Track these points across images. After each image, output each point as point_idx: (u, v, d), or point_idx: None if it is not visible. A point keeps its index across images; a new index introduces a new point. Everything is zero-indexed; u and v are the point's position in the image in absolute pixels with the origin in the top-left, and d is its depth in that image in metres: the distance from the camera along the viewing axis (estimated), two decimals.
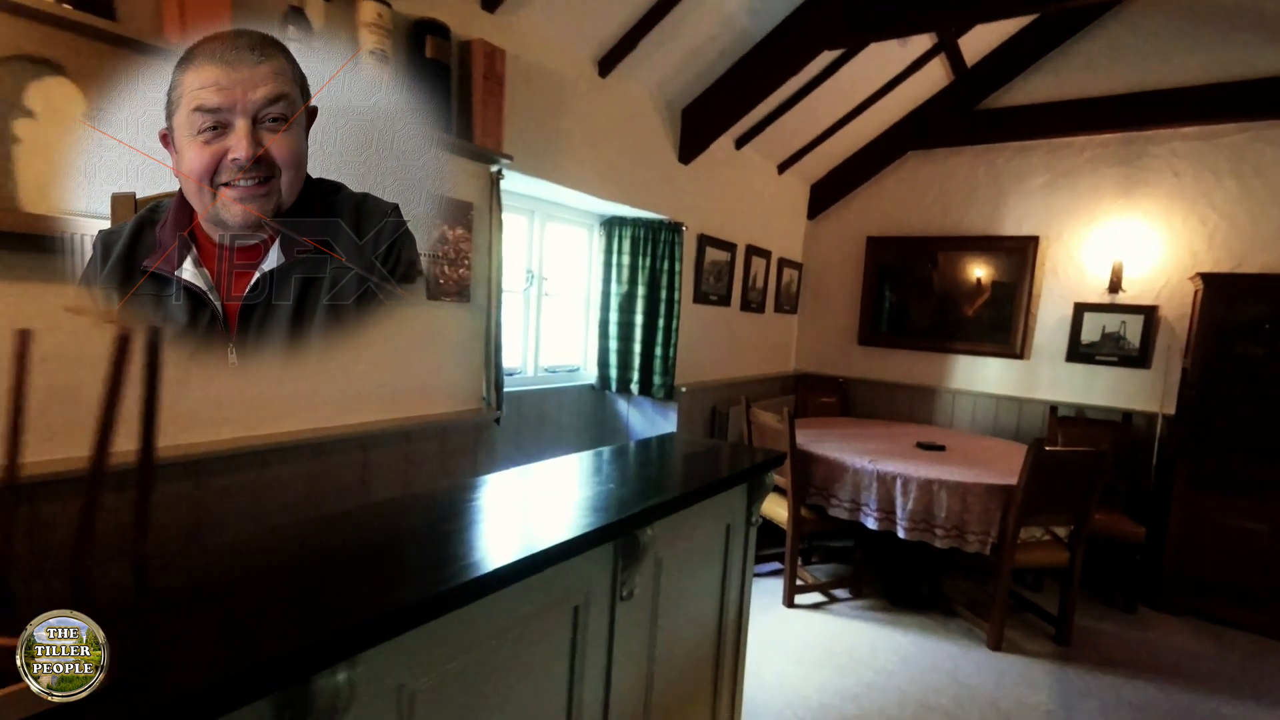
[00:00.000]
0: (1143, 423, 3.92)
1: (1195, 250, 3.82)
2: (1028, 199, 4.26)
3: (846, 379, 4.87)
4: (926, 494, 3.04)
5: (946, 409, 4.55)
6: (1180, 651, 3.14)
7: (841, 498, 3.24)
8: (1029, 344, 4.28)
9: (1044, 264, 4.23)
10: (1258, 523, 3.34)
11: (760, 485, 1.99)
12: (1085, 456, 2.92)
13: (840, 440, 3.65)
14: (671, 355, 3.46)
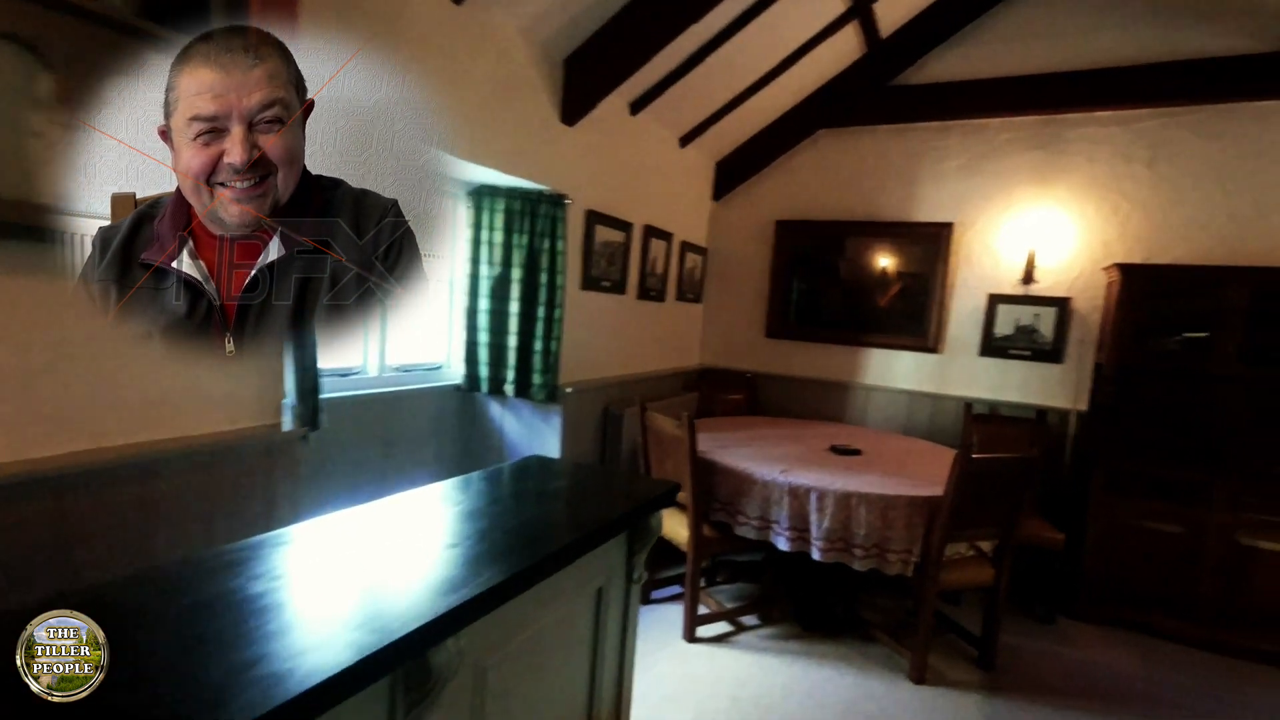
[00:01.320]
0: (1057, 420, 3.74)
1: (1107, 240, 3.67)
2: (942, 183, 4.00)
3: (755, 374, 4.48)
4: (844, 509, 2.64)
5: (859, 406, 4.25)
6: (1107, 670, 2.92)
7: (750, 514, 2.80)
8: (943, 337, 4.03)
9: (958, 252, 3.98)
10: (1175, 525, 3.20)
11: (645, 529, 1.47)
12: (1014, 464, 2.61)
13: (748, 445, 3.22)
14: (554, 350, 2.89)
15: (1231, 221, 3.42)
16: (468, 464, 3.01)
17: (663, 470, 2.99)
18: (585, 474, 1.60)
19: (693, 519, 2.79)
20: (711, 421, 3.81)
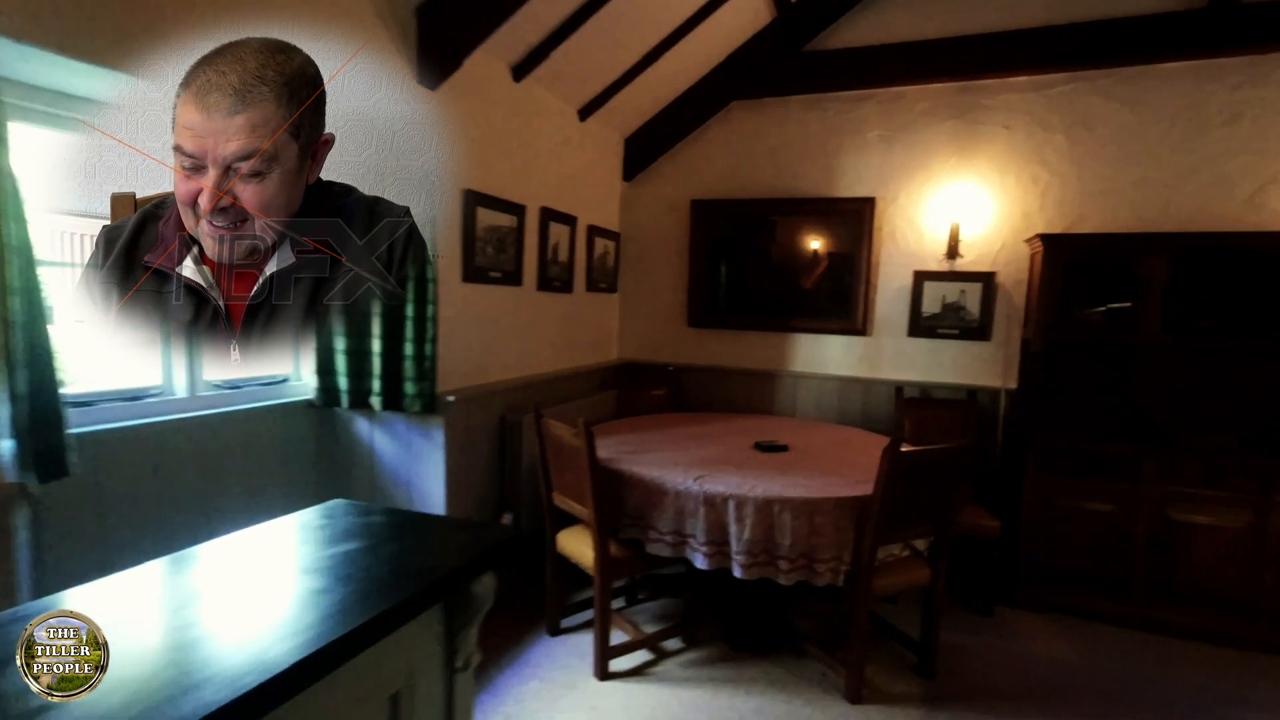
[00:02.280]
0: (988, 400, 3.58)
1: (1028, 212, 3.51)
2: (862, 156, 3.77)
3: (678, 367, 4.16)
4: (766, 517, 2.34)
5: (788, 396, 3.99)
6: (1047, 665, 2.74)
7: (662, 528, 2.46)
8: (871, 319, 3.81)
9: (882, 229, 3.76)
10: (1107, 504, 3.06)
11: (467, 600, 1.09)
12: (946, 456, 2.37)
13: (665, 448, 2.89)
14: (429, 353, 2.47)
15: (1148, 188, 3.31)
16: (329, 494, 2.55)
17: (563, 484, 2.61)
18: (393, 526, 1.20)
19: (596, 538, 2.43)
20: (628, 422, 3.46)
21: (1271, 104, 3.11)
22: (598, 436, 3.04)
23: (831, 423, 3.76)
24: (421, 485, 2.61)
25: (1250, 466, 2.85)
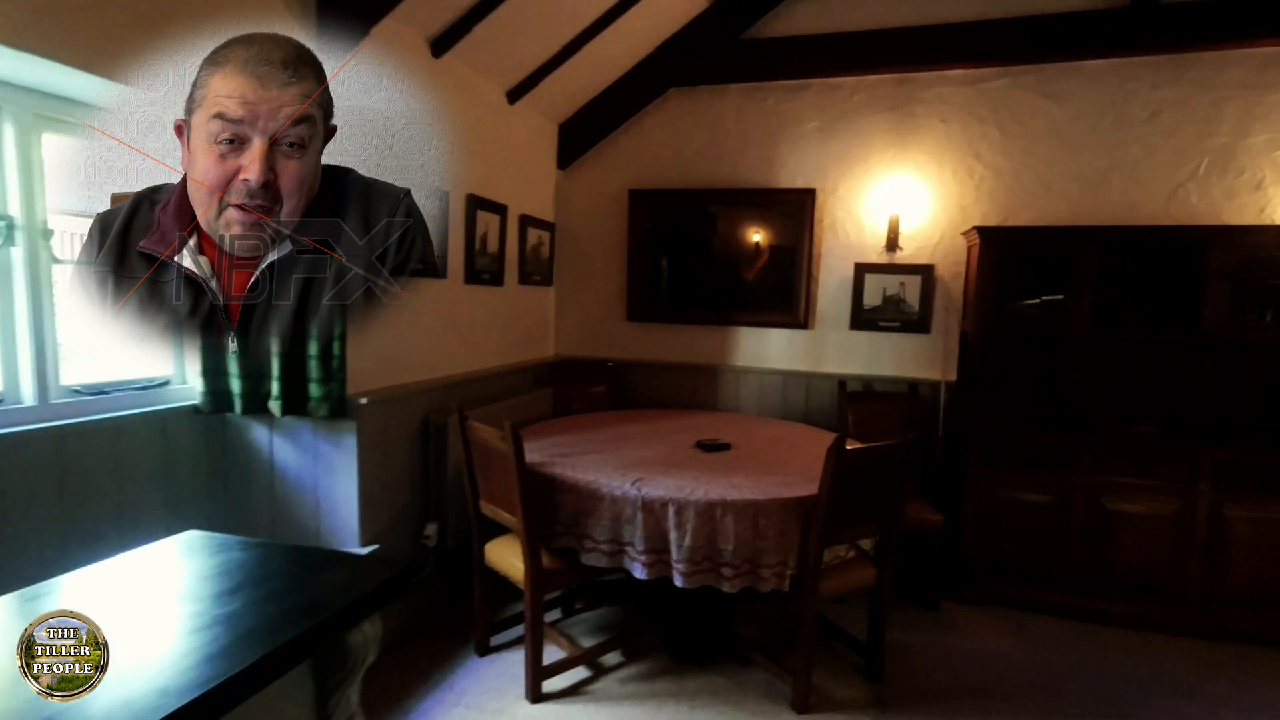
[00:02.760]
0: (929, 392, 3.57)
1: (965, 205, 3.52)
2: (801, 147, 3.70)
3: (617, 363, 4.00)
4: (708, 522, 2.20)
5: (731, 391, 3.89)
6: (993, 659, 2.71)
7: (598, 537, 2.29)
8: (813, 312, 3.75)
9: (822, 220, 3.70)
10: (1045, 495, 3.07)
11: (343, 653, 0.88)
12: (892, 452, 2.29)
13: (602, 449, 2.72)
14: (337, 351, 2.22)
15: (1078, 183, 3.36)
16: (221, 513, 2.26)
17: (490, 491, 2.41)
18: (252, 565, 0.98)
19: (527, 549, 2.24)
20: (564, 422, 3.27)
21: (1186, 104, 3.20)
22: (530, 438, 2.85)
23: (775, 418, 3.68)
24: (332, 498, 2.35)
25: (1178, 455, 2.91)
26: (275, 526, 2.33)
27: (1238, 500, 2.84)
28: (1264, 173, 3.14)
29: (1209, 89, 3.16)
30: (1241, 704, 2.43)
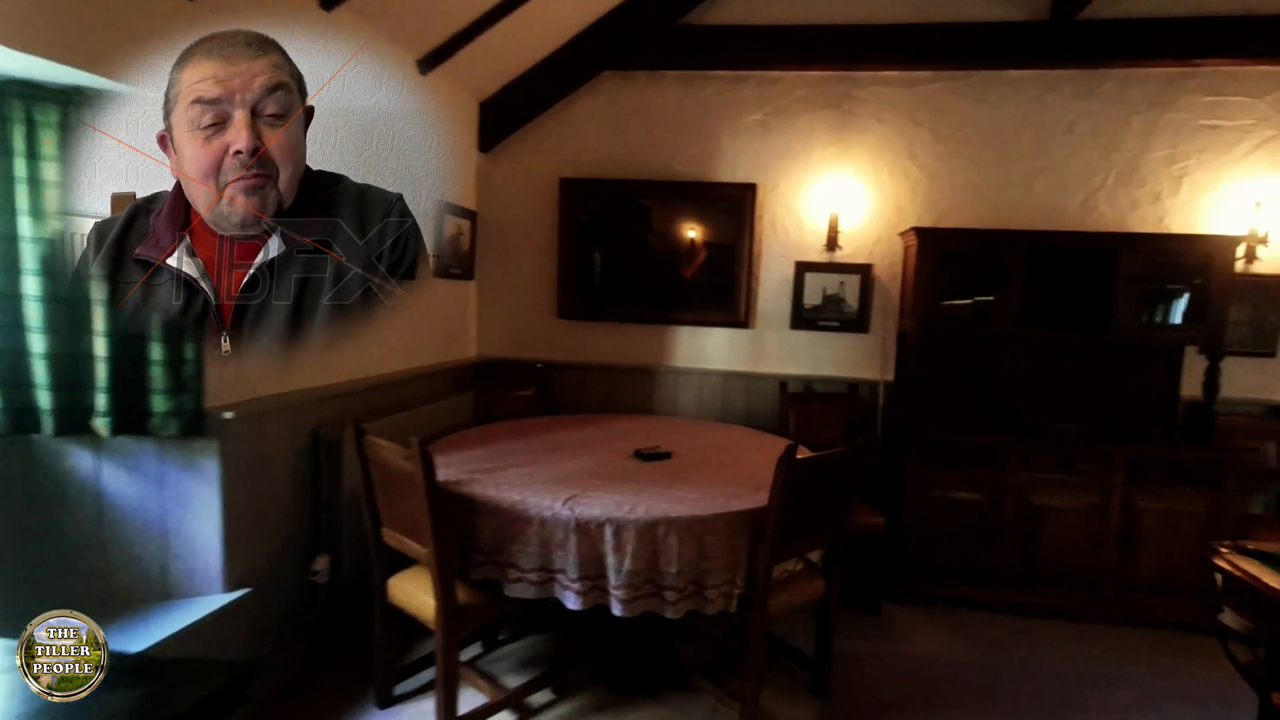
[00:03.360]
0: (868, 393, 3.51)
1: (901, 205, 3.49)
2: (742, 140, 3.56)
3: (547, 364, 3.71)
4: (650, 543, 1.98)
5: (669, 393, 3.70)
6: (934, 663, 2.67)
7: (524, 565, 2.02)
8: (753, 310, 3.62)
9: (763, 217, 3.58)
10: (979, 493, 3.07)
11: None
12: (843, 459, 2.15)
13: (529, 462, 2.45)
14: (190, 355, 1.83)
15: (1005, 188, 3.41)
16: (23, 567, 1.80)
17: (394, 516, 2.08)
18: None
19: (438, 585, 1.93)
20: (488, 431, 2.96)
21: (1097, 116, 3.31)
22: (445, 451, 2.53)
23: (715, 421, 3.52)
24: (185, 535, 1.94)
25: (1096, 452, 2.98)
26: (103, 577, 1.90)
27: (1148, 493, 2.94)
28: (1162, 185, 3.28)
29: (1119, 104, 3.27)
30: (1162, 690, 2.53)
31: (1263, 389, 3.25)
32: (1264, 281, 3.18)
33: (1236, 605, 1.61)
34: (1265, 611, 1.51)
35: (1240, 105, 3.16)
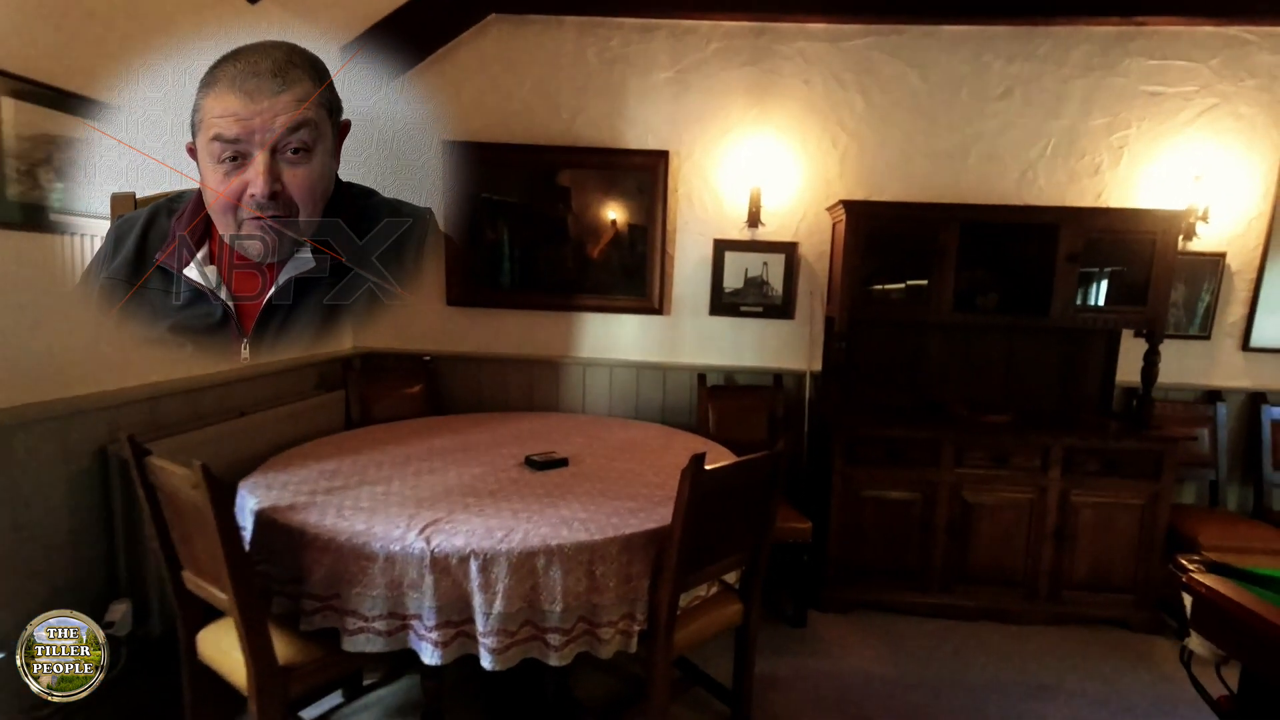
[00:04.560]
0: (793, 384, 3.23)
1: (829, 178, 3.20)
2: (652, 101, 3.18)
3: (437, 356, 3.26)
4: (528, 577, 1.61)
5: (575, 388, 3.31)
6: (862, 679, 2.42)
7: (367, 612, 1.60)
8: (668, 295, 3.26)
9: (677, 189, 3.22)
10: (911, 491, 2.83)
11: None
12: (761, 466, 1.82)
13: (392, 476, 2.02)
14: None
15: (936, 159, 3.17)
16: None
17: (193, 557, 1.61)
18: None
19: (245, 641, 1.49)
20: (354, 437, 2.50)
21: (1036, 80, 3.09)
22: (288, 465, 2.07)
23: (627, 418, 3.16)
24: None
25: (1031, 444, 2.78)
26: None
27: (1084, 486, 2.78)
28: (1102, 157, 3.11)
29: (1058, 66, 3.06)
30: (1099, 698, 2.37)
31: (1195, 373, 3.15)
32: (1199, 260, 3.05)
33: (1209, 632, 1.37)
34: (1247, 643, 1.27)
35: (1183, 70, 3.00)
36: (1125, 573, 2.79)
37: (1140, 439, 2.75)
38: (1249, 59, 2.98)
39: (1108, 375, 3.12)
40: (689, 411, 3.22)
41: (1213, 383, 3.15)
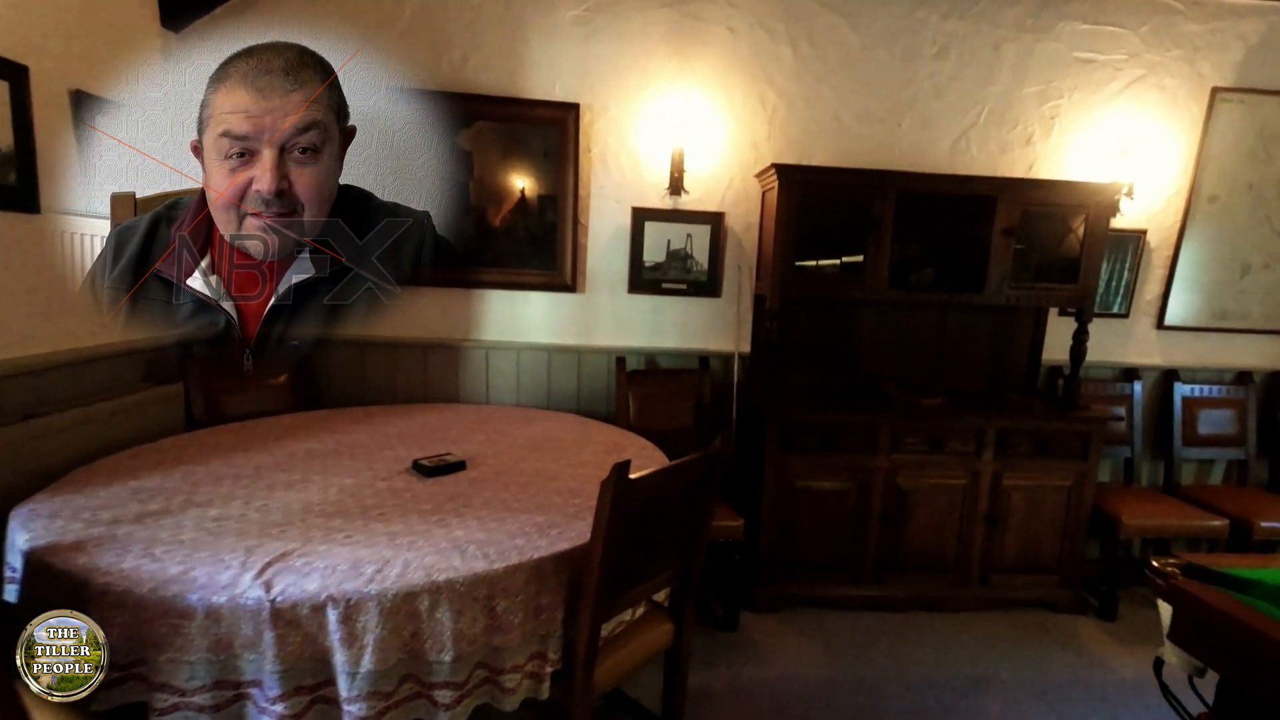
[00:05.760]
0: (721, 367, 2.98)
1: (757, 141, 2.94)
2: (559, 45, 2.79)
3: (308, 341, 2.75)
4: (408, 623, 1.26)
5: (477, 375, 2.92)
6: (804, 687, 2.24)
7: (183, 683, 1.19)
8: (582, 270, 2.92)
9: (590, 150, 2.86)
10: (845, 480, 2.67)
11: None
12: (694, 469, 1.53)
13: (232, 494, 1.60)
14: None
15: (873, 123, 2.97)
16: None
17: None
18: None
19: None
20: (194, 441, 2.02)
21: (971, 41, 2.94)
22: (86, 486, 1.58)
23: (538, 408, 2.82)
24: None
25: (967, 427, 2.68)
26: None
27: (1016, 469, 2.71)
28: (1034, 127, 3.02)
29: (993, 26, 2.92)
30: (1032, 685, 2.31)
31: (1114, 351, 3.15)
32: (1121, 237, 3.04)
33: (1188, 642, 1.23)
34: (1239, 656, 1.12)
35: (1114, 37, 2.93)
36: (1051, 554, 2.76)
37: (1069, 420, 2.70)
38: (1175, 28, 2.94)
39: (1034, 354, 3.07)
40: (607, 399, 2.91)
41: (1130, 360, 3.17)
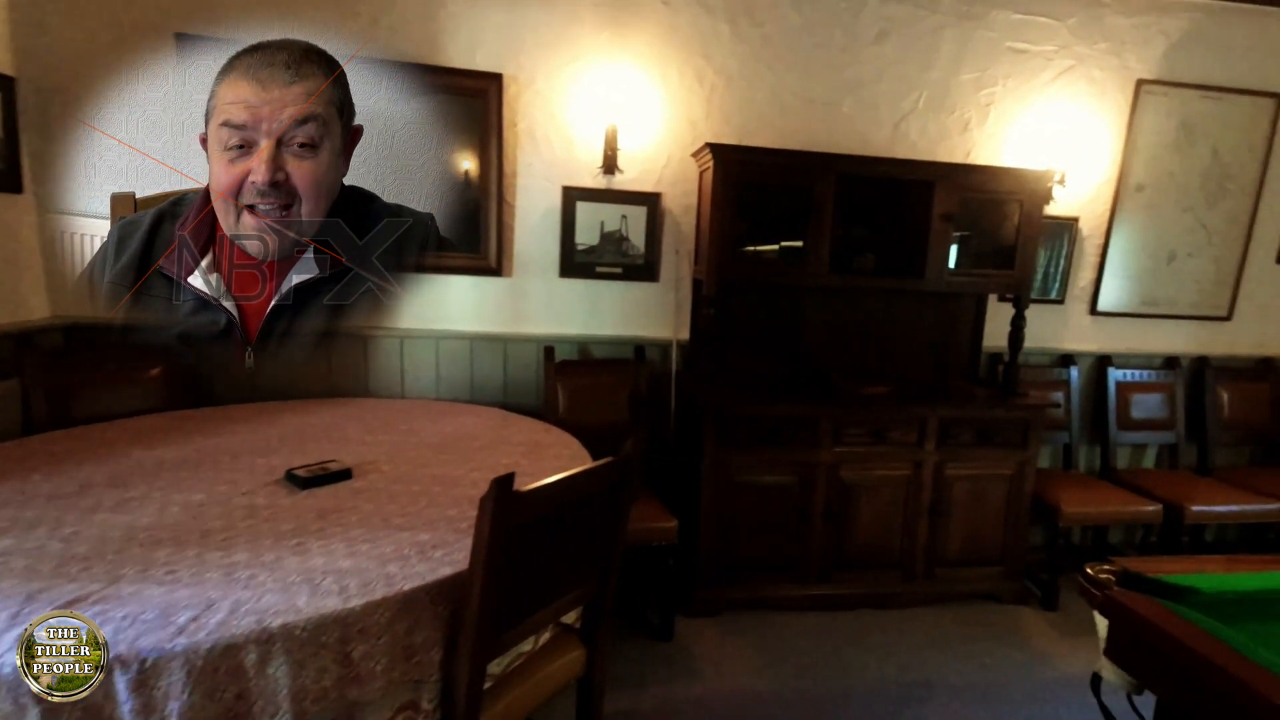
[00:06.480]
0: (658, 355, 2.80)
1: (695, 119, 2.76)
2: (480, 11, 2.54)
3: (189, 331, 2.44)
4: (227, 684, 1.02)
5: (391, 366, 2.66)
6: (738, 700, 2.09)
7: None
8: (508, 252, 2.68)
9: (517, 123, 2.62)
10: (788, 475, 2.53)
11: None
12: (602, 476, 1.33)
13: (37, 519, 1.34)
14: None
15: (814, 105, 2.84)
16: None
17: None
18: None
19: None
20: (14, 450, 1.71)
21: (911, 25, 2.83)
22: None
23: (459, 401, 2.58)
24: None
25: (909, 416, 2.57)
26: None
27: (959, 459, 2.63)
28: (971, 113, 2.94)
29: (930, 12, 2.82)
30: (977, 688, 2.23)
31: (1051, 337, 3.12)
32: (1055, 225, 2.99)
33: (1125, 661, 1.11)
34: (1172, 674, 1.00)
35: (1044, 28, 2.87)
36: (994, 544, 2.70)
37: (1009, 407, 2.63)
38: (1102, 21, 2.91)
39: (975, 341, 3.00)
40: (537, 391, 2.70)
41: (1065, 346, 3.14)
